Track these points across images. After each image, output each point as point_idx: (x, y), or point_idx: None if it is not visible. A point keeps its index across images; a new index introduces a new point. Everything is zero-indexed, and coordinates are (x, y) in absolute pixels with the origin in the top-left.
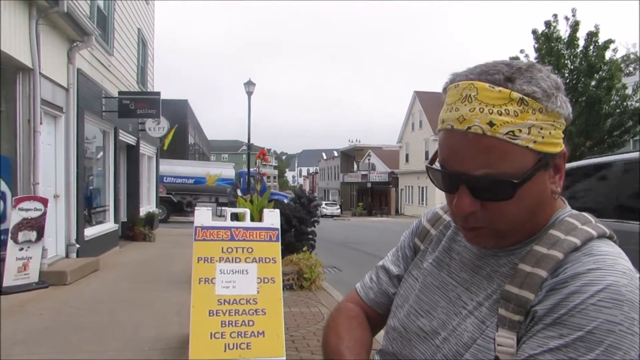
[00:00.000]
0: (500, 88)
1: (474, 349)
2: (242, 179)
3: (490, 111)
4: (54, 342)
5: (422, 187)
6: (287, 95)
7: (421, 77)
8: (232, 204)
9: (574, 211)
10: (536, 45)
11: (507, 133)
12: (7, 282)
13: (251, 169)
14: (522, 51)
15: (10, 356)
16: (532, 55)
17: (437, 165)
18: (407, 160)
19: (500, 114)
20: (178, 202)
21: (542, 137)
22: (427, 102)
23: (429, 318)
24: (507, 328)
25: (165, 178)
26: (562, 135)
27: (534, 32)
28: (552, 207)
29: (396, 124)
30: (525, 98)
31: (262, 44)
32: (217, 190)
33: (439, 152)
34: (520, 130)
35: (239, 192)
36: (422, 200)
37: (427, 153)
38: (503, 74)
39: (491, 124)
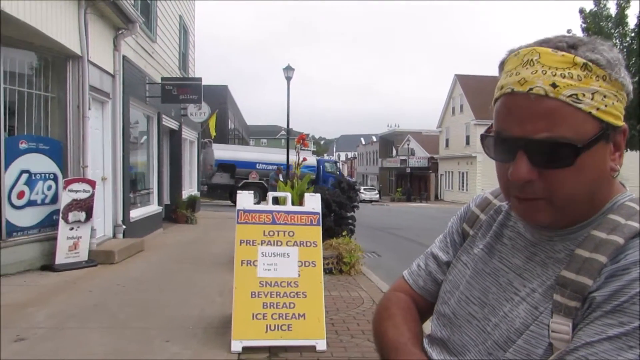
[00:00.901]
0: (564, 52)
1: (527, 335)
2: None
3: (554, 73)
4: (102, 318)
5: (463, 173)
6: (325, 81)
7: (462, 60)
8: (273, 188)
9: (634, 195)
10: (584, 25)
11: (570, 96)
12: (59, 259)
13: (328, 157)
14: (569, 31)
15: (65, 328)
16: (579, 35)
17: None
18: (447, 145)
19: (564, 77)
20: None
21: (605, 106)
22: (468, 85)
23: (480, 304)
24: (563, 314)
25: (257, 165)
26: (624, 112)
27: (582, 11)
28: (611, 188)
29: (436, 109)
30: (589, 64)
31: (300, 30)
32: (300, 177)
33: (495, 121)
34: (583, 95)
35: (280, 177)
36: (463, 186)
37: (467, 138)
38: (566, 42)
39: (554, 85)
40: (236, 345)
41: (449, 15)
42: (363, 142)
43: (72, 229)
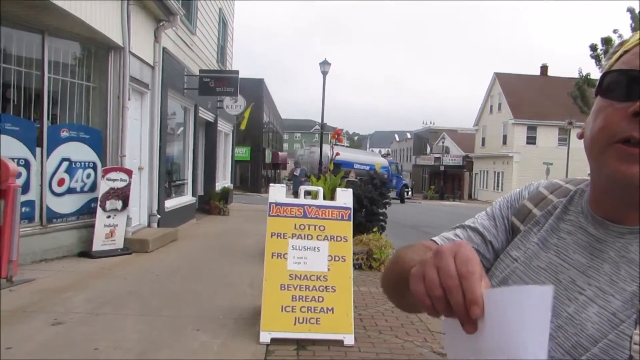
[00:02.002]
0: None
1: (604, 344)
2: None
3: None
4: (136, 304)
5: (498, 172)
6: (359, 77)
7: (500, 59)
8: (302, 184)
9: None
10: (633, 24)
11: None
12: (96, 246)
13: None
14: (615, 31)
15: (100, 313)
16: (627, 34)
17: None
18: (483, 144)
19: None
20: None
21: None
22: (508, 84)
23: None
24: None
25: (354, 165)
26: None
27: (631, 10)
28: None
29: (472, 107)
30: None
31: (334, 26)
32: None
33: (622, 65)
34: None
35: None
36: (498, 185)
37: (504, 137)
38: None
39: None
40: (265, 337)
41: (488, 14)
42: (397, 139)
43: (109, 217)
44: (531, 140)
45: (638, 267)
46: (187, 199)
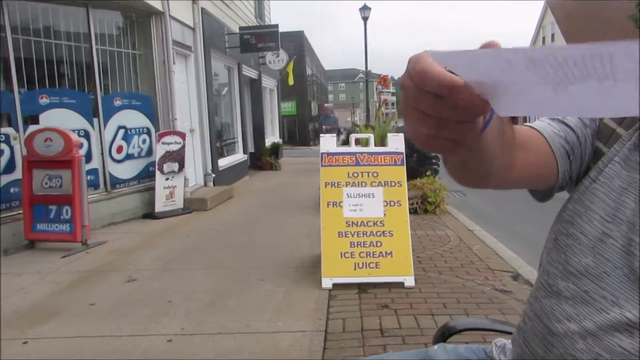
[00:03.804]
0: None
1: None
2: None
3: None
4: (201, 259)
5: None
6: (403, 20)
7: None
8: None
9: None
10: None
11: None
12: (158, 208)
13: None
14: None
15: (169, 269)
16: None
17: None
18: None
19: None
20: None
21: None
22: (561, 11)
23: (616, 222)
24: None
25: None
26: None
27: None
28: None
29: (524, 41)
30: None
31: None
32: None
33: None
34: None
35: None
36: None
37: None
38: None
39: None
40: (327, 282)
41: None
42: None
43: (167, 179)
44: None
45: None
46: (238, 156)
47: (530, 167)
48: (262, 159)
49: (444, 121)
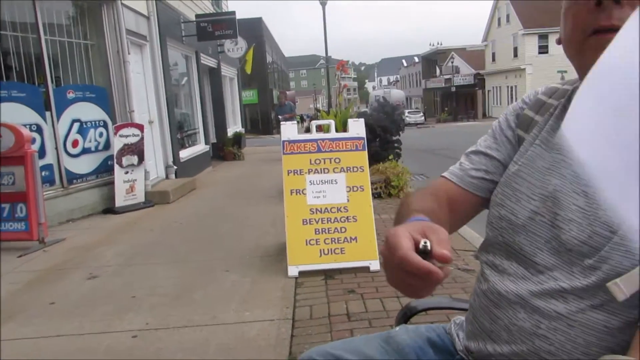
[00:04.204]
0: None
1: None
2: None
3: None
4: (165, 253)
5: (511, 87)
6: (362, 4)
7: None
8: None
9: None
10: None
11: None
12: (119, 202)
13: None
14: None
15: (132, 265)
16: None
17: None
18: (493, 59)
19: None
20: None
21: None
22: None
23: (542, 199)
24: None
25: None
26: None
27: None
28: None
29: (480, 23)
30: None
31: None
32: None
33: None
34: None
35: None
36: (512, 100)
37: (515, 50)
38: None
39: None
40: (292, 270)
41: None
42: (405, 64)
43: (127, 172)
44: (543, 49)
45: None
46: (200, 147)
47: (463, 214)
48: (224, 149)
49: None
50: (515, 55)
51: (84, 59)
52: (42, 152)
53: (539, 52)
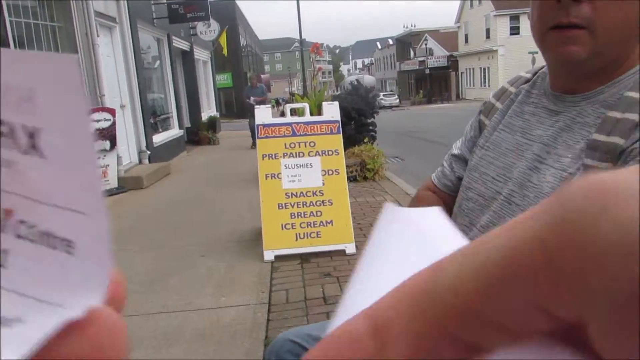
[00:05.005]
0: None
1: None
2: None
3: None
4: (141, 239)
5: (484, 68)
6: None
7: None
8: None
9: None
10: None
11: None
12: None
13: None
14: None
15: None
16: None
17: None
18: (466, 41)
19: None
20: None
21: None
22: None
23: (505, 180)
24: None
25: None
26: None
27: None
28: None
29: (453, 4)
30: None
31: None
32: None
33: None
34: None
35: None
36: (484, 82)
37: (487, 31)
38: None
39: None
40: (269, 255)
41: None
42: (379, 47)
43: (99, 158)
44: (515, 30)
45: (589, 128)
46: (174, 132)
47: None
48: (199, 133)
49: None
50: (488, 36)
51: (51, 41)
52: None
53: (511, 34)
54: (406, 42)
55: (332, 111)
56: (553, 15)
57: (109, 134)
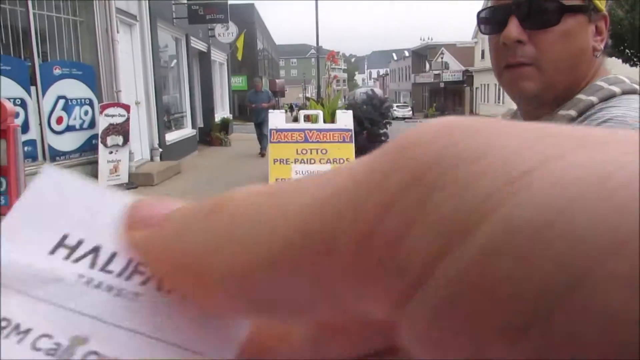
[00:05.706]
0: None
1: None
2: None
3: None
4: None
5: (499, 85)
6: None
7: None
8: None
9: (612, 77)
10: None
11: None
12: (102, 182)
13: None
14: None
15: None
16: None
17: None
18: (482, 56)
19: None
20: None
21: None
22: None
23: None
24: None
25: None
26: (605, 3)
27: None
28: (595, 70)
29: (471, 19)
30: None
31: None
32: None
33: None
34: None
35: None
36: (498, 98)
37: None
38: None
39: None
40: None
41: None
42: (395, 58)
43: (111, 152)
44: None
45: None
46: (187, 131)
47: None
48: (211, 134)
49: None
50: None
51: (72, 35)
52: (25, 127)
53: None
54: (422, 55)
55: (345, 120)
56: (503, 57)
57: (122, 130)
